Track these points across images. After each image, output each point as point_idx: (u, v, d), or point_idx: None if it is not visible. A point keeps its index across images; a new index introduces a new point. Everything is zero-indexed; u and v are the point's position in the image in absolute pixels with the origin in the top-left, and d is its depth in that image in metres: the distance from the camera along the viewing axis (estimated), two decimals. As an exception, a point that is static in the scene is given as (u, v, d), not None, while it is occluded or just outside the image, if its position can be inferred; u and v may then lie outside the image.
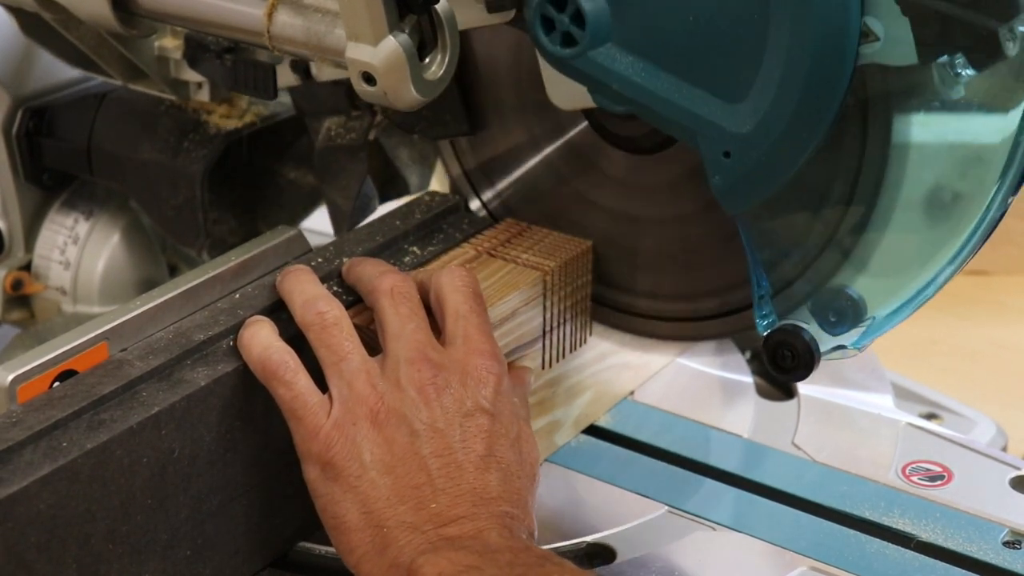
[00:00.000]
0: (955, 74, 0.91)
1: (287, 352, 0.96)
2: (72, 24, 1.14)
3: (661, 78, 0.95)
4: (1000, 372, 1.51)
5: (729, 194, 0.96)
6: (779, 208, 0.98)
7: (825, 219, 0.98)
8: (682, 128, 0.96)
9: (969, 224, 0.96)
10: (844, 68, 0.91)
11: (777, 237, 0.99)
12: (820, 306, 0.98)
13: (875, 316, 0.98)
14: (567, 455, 1.15)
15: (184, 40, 1.18)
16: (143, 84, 1.21)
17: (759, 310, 1.00)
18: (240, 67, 1.15)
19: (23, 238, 1.30)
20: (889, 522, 1.07)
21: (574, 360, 1.15)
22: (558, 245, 1.14)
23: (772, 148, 0.93)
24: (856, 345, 0.99)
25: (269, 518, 1.01)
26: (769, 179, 0.95)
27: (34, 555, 0.86)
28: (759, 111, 0.93)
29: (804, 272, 0.99)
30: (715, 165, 0.95)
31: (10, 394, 0.93)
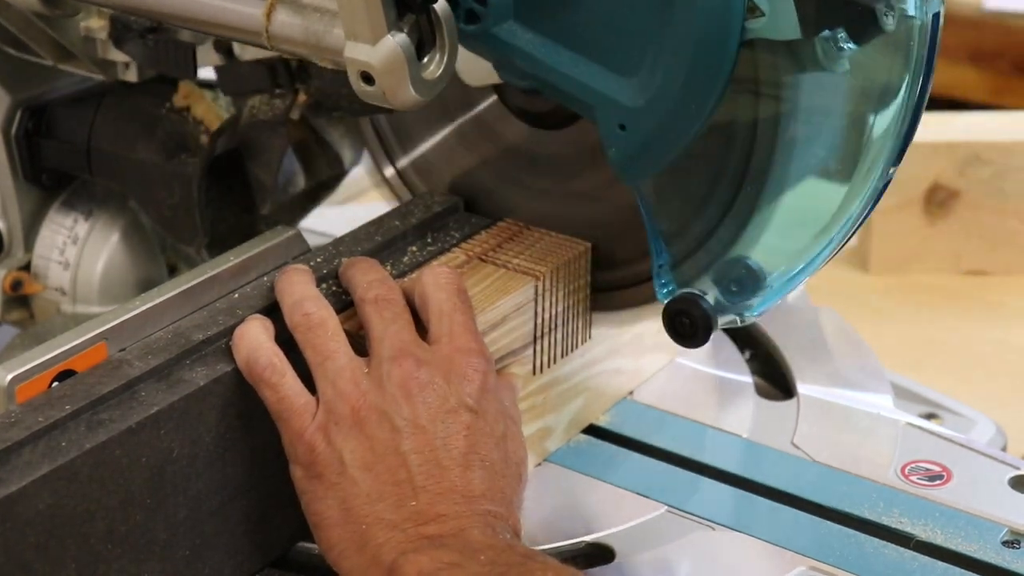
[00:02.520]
0: (838, 48, 0.94)
1: (274, 353, 0.96)
2: (0, 6, 1.14)
3: (560, 53, 0.99)
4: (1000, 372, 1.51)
5: (625, 166, 1.00)
6: (675, 180, 1.01)
7: (721, 191, 1.01)
8: (580, 102, 1.00)
9: (860, 191, 0.98)
10: (730, 43, 0.94)
11: (674, 209, 1.02)
12: (721, 276, 1.01)
13: (772, 284, 1.01)
14: (567, 455, 1.15)
15: (109, 20, 1.18)
16: (72, 64, 1.22)
17: (658, 279, 1.03)
18: (161, 47, 1.16)
19: (22, 238, 1.30)
20: (888, 522, 1.07)
21: (566, 366, 1.14)
22: (554, 247, 1.14)
23: (664, 121, 0.97)
24: (755, 311, 1.01)
25: (268, 518, 1.01)
26: (663, 151, 0.98)
27: (33, 555, 0.86)
28: (651, 85, 0.96)
29: (704, 243, 1.02)
30: (611, 138, 0.99)
31: (9, 394, 0.93)
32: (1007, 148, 1.64)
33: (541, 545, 1.05)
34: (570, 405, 1.15)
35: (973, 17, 2.40)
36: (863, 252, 1.69)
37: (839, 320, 1.35)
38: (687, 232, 1.02)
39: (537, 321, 1.10)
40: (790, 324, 1.33)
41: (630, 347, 1.21)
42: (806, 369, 1.26)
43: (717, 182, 1.01)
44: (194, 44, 1.16)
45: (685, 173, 1.01)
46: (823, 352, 1.29)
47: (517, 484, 0.98)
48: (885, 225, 1.66)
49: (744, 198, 1.00)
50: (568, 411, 1.15)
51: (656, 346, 1.23)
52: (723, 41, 0.94)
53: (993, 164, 1.64)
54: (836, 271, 1.67)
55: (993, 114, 1.79)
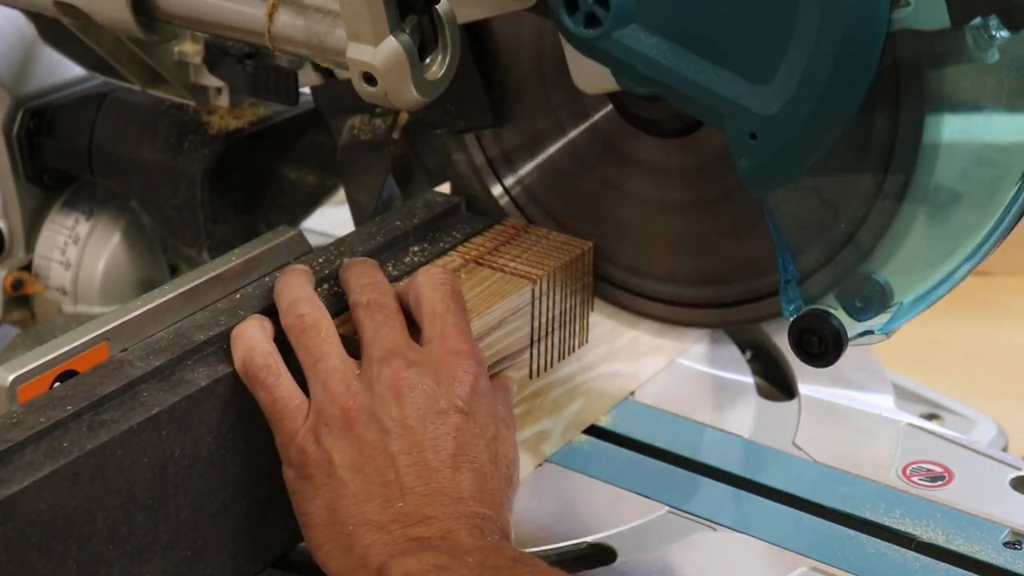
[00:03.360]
0: (989, 36, 0.89)
1: (270, 355, 0.96)
2: (91, 29, 1.13)
3: (686, 59, 0.93)
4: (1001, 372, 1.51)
5: (755, 177, 0.94)
6: (806, 192, 0.96)
7: (856, 202, 0.96)
8: (708, 110, 0.94)
9: (994, 214, 0.94)
10: (875, 39, 0.88)
11: (804, 222, 0.97)
12: (847, 292, 0.96)
13: (902, 301, 0.96)
14: (567, 455, 1.15)
15: (204, 45, 1.18)
16: (162, 89, 1.21)
17: (785, 295, 0.98)
18: (261, 73, 1.15)
19: (24, 238, 1.30)
20: (890, 522, 1.07)
21: (563, 369, 1.14)
22: (555, 248, 1.13)
23: (799, 130, 0.91)
24: (883, 330, 0.97)
25: (269, 519, 1.01)
26: (796, 162, 0.93)
27: (35, 555, 0.86)
28: (787, 91, 0.90)
29: (832, 258, 0.97)
30: (741, 147, 0.93)
31: (11, 394, 0.93)
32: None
33: (542, 546, 1.05)
34: (567, 409, 1.15)
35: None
36: (864, 252, 1.68)
37: (840, 320, 1.35)
38: (815, 245, 0.97)
39: (534, 324, 1.10)
40: (791, 324, 1.33)
41: (627, 350, 1.21)
42: (807, 370, 1.26)
43: (852, 192, 0.96)
44: (295, 69, 1.14)
45: (817, 184, 0.96)
46: (824, 352, 1.29)
47: (507, 486, 0.97)
48: (886, 225, 1.65)
49: (880, 210, 0.95)
50: (565, 415, 1.15)
51: (653, 349, 1.23)
52: (868, 38, 0.88)
53: (994, 164, 1.64)
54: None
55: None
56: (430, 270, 1.02)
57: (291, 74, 1.14)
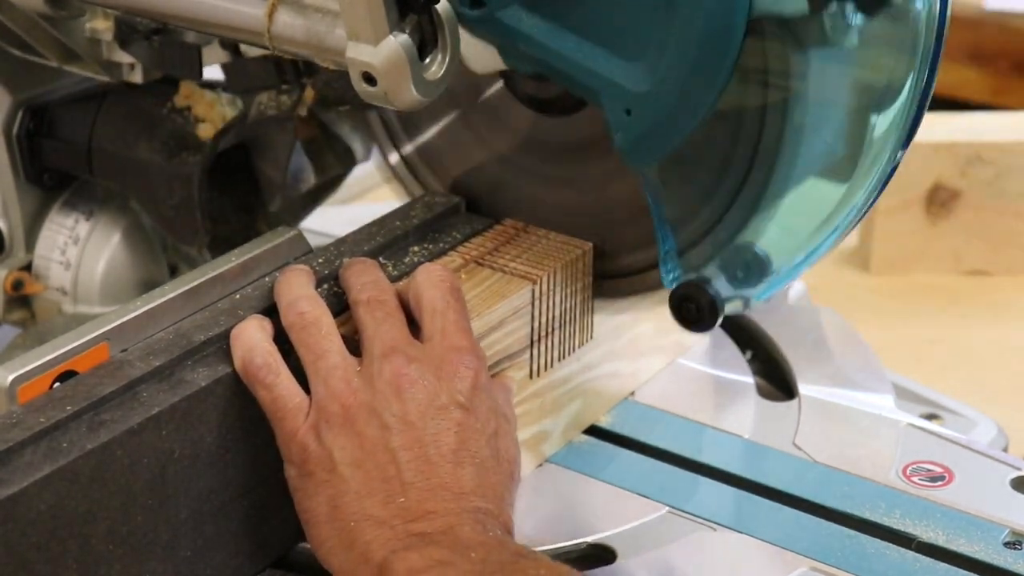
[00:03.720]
0: (846, 22, 0.93)
1: (270, 354, 0.96)
2: (4, 7, 1.14)
3: (565, 37, 0.98)
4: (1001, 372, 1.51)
5: (631, 151, 0.99)
6: (682, 166, 1.00)
7: (728, 177, 1.00)
8: (586, 87, 0.99)
9: (867, 177, 0.98)
10: (737, 22, 0.93)
11: (681, 195, 1.02)
12: (727, 262, 1.01)
13: (779, 269, 1.00)
14: (569, 456, 1.15)
15: (115, 22, 1.18)
16: (78, 66, 1.22)
17: (664, 266, 1.03)
18: (167, 48, 1.16)
19: (23, 238, 1.30)
20: (890, 523, 1.07)
21: (563, 369, 1.14)
22: (554, 249, 1.13)
23: (671, 105, 0.95)
24: (760, 297, 1.01)
25: (270, 519, 1.01)
26: (669, 136, 0.97)
27: (34, 555, 0.86)
28: (657, 69, 0.95)
29: (710, 230, 1.01)
30: (617, 123, 0.98)
31: (10, 394, 0.93)
32: (1008, 148, 1.64)
33: (542, 545, 1.05)
34: (567, 408, 1.15)
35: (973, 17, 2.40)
36: (864, 252, 1.69)
37: (840, 320, 1.35)
38: (693, 219, 1.02)
39: (534, 324, 1.10)
40: (791, 324, 1.33)
41: (627, 350, 1.21)
42: (807, 369, 1.26)
43: (724, 168, 1.00)
44: (200, 45, 1.16)
45: (692, 159, 1.00)
46: (824, 352, 1.29)
47: (509, 482, 0.97)
48: (886, 225, 1.66)
49: (752, 184, 1.00)
50: (565, 414, 1.15)
51: (653, 349, 1.23)
52: (730, 21, 0.92)
53: (994, 164, 1.64)
54: (837, 271, 1.67)
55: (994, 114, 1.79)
56: (429, 267, 1.02)
57: (195, 48, 1.15)
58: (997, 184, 1.65)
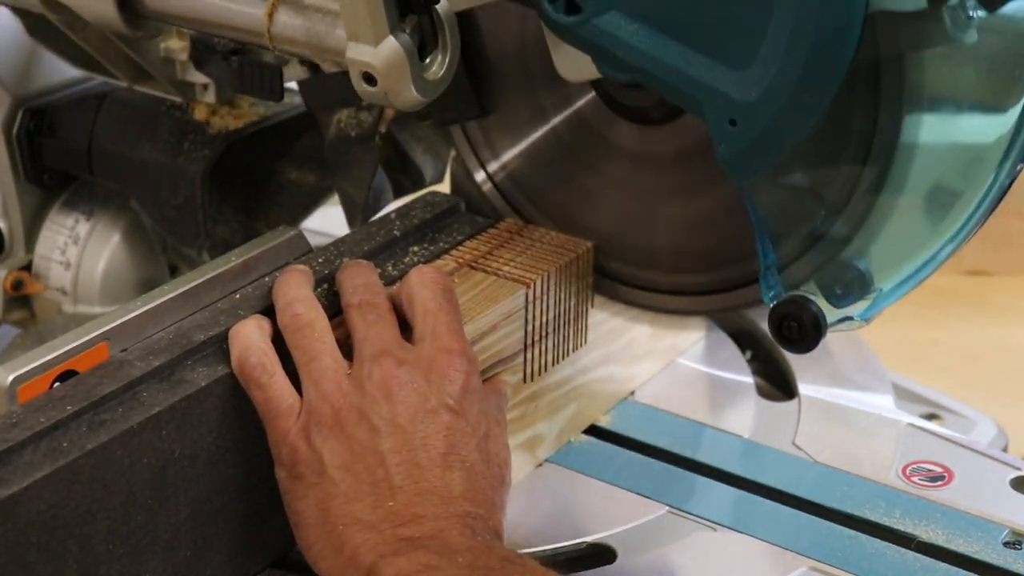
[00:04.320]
0: (966, 16, 0.89)
1: (265, 354, 0.96)
2: (78, 26, 1.14)
3: (665, 45, 0.93)
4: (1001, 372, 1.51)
5: (735, 163, 0.94)
6: (786, 179, 0.96)
7: (834, 191, 0.96)
8: (687, 96, 0.94)
9: (975, 197, 0.94)
10: (853, 22, 0.87)
11: (784, 209, 0.97)
12: (827, 279, 0.97)
13: (881, 288, 0.97)
14: (567, 455, 1.15)
15: (190, 41, 1.17)
16: (148, 85, 1.21)
17: (765, 281, 0.99)
18: (247, 69, 1.15)
19: (24, 238, 1.30)
20: (890, 522, 1.07)
21: (558, 373, 1.14)
22: (552, 250, 1.13)
23: (779, 115, 0.91)
24: (863, 317, 0.97)
25: (269, 519, 1.01)
26: (776, 148, 0.93)
27: (35, 555, 0.86)
28: (765, 77, 0.90)
29: (812, 245, 0.97)
30: (721, 134, 0.93)
31: (10, 394, 0.93)
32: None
33: (542, 545, 1.05)
34: (562, 412, 1.15)
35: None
36: (864, 252, 1.68)
37: (840, 320, 1.35)
38: (796, 232, 0.98)
39: (528, 329, 1.10)
40: (791, 324, 1.33)
41: (623, 353, 1.20)
42: (807, 369, 1.26)
43: (832, 179, 0.96)
44: (280, 65, 1.14)
45: (797, 170, 0.96)
46: (824, 352, 1.29)
47: (499, 486, 0.97)
48: (886, 225, 1.65)
49: (861, 197, 0.96)
50: (560, 418, 1.15)
51: (648, 353, 1.23)
52: (845, 20, 0.87)
53: (994, 164, 1.64)
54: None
55: (994, 114, 1.79)
56: (422, 269, 1.02)
57: (276, 69, 1.14)
58: (997, 184, 1.64)
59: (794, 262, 0.98)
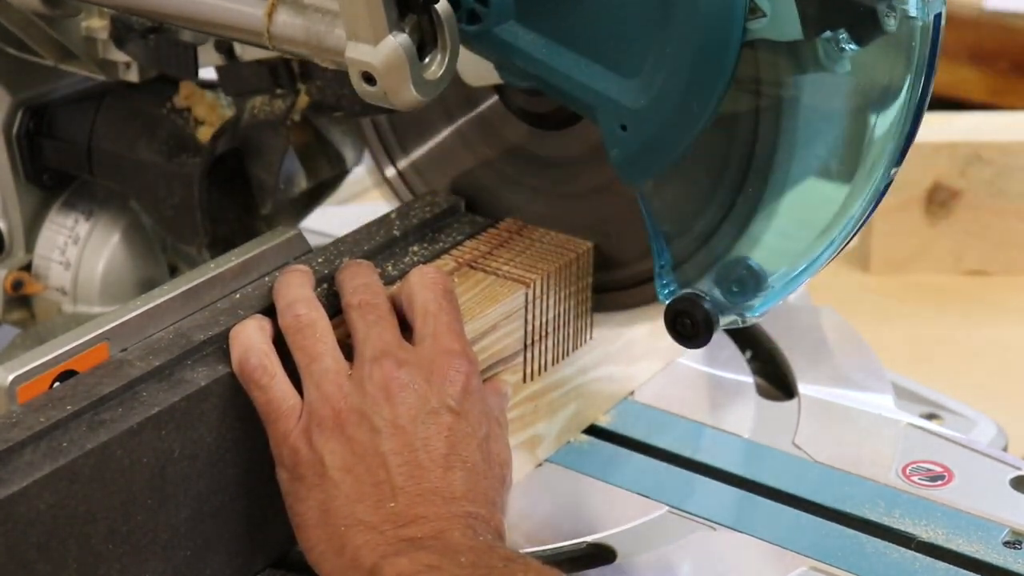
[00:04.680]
0: (840, 49, 0.94)
1: (265, 355, 0.96)
2: (1, 6, 1.14)
3: (561, 54, 0.99)
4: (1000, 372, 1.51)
5: (626, 167, 1.00)
6: (676, 181, 1.01)
7: (722, 192, 1.01)
8: (582, 103, 1.00)
9: (861, 191, 0.98)
10: (732, 44, 0.94)
11: (676, 209, 1.02)
12: (722, 277, 1.01)
13: (774, 285, 1.01)
14: (567, 455, 1.15)
15: (110, 20, 1.18)
16: (74, 65, 1.22)
17: (659, 280, 1.04)
18: (163, 46, 1.15)
19: (23, 238, 1.30)
20: (890, 522, 1.07)
21: (558, 373, 1.14)
22: (552, 250, 1.13)
23: (666, 122, 0.97)
24: (756, 311, 1.02)
25: (269, 518, 1.01)
26: (665, 152, 0.98)
27: (34, 555, 0.86)
28: (652, 86, 0.96)
29: (705, 243, 1.02)
30: (613, 139, 0.99)
31: (10, 394, 0.93)
32: (1008, 148, 1.64)
33: (542, 545, 1.05)
34: (562, 412, 1.15)
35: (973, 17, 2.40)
36: (864, 252, 1.69)
37: (840, 320, 1.35)
38: (688, 233, 1.02)
39: (528, 328, 1.10)
40: (791, 324, 1.33)
41: (621, 354, 1.20)
42: (807, 369, 1.26)
43: (718, 182, 1.01)
44: (195, 44, 1.16)
45: (686, 173, 1.01)
46: (824, 352, 1.30)
47: (500, 486, 0.97)
48: (886, 225, 1.66)
49: (745, 199, 1.00)
50: (560, 418, 1.15)
51: (647, 353, 1.23)
52: (724, 43, 0.94)
53: (994, 164, 1.64)
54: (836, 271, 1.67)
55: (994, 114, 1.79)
56: (422, 270, 1.02)
57: (191, 47, 1.16)
58: (997, 184, 1.65)
59: (687, 260, 1.02)
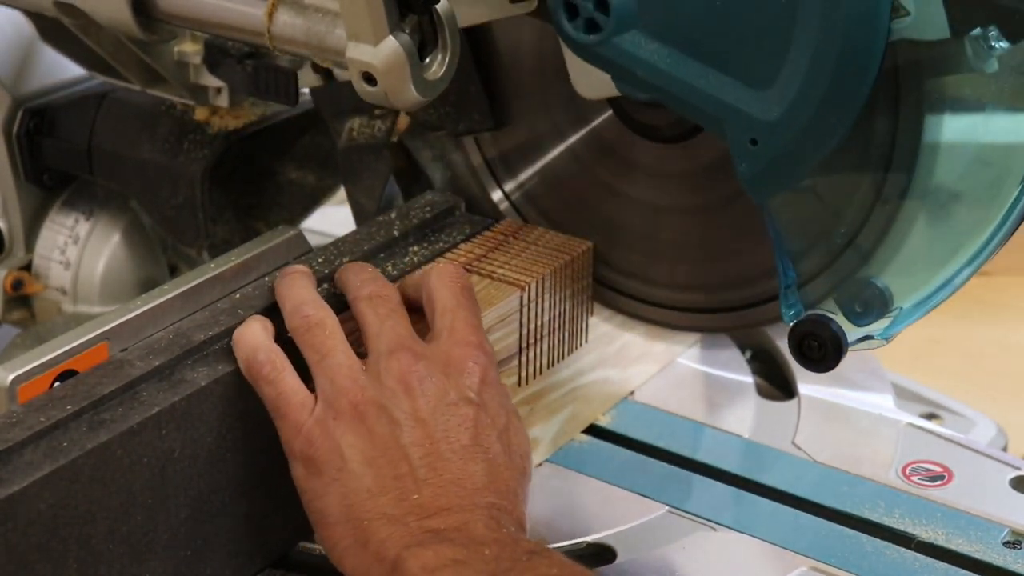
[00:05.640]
0: (988, 47, 0.89)
1: (273, 352, 0.96)
2: (91, 29, 1.13)
3: (686, 64, 0.93)
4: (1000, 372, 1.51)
5: (755, 182, 0.94)
6: (806, 197, 0.96)
7: (853, 209, 0.97)
8: (707, 115, 0.94)
9: (995, 217, 0.94)
10: (876, 47, 0.88)
11: (804, 227, 0.97)
12: (846, 297, 0.96)
13: (901, 307, 0.97)
14: (567, 455, 1.15)
15: (204, 45, 1.17)
16: (162, 89, 1.21)
17: (785, 300, 0.98)
18: (261, 73, 1.15)
19: (23, 238, 1.30)
20: (889, 522, 1.07)
21: (553, 376, 1.14)
22: (550, 251, 1.13)
23: (800, 135, 0.91)
24: (883, 335, 0.97)
25: (269, 518, 1.01)
26: (797, 167, 0.93)
27: (35, 555, 0.86)
28: (787, 97, 0.90)
29: (832, 263, 0.97)
30: (741, 153, 0.93)
31: (10, 394, 0.93)
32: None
33: (542, 545, 1.05)
34: (558, 415, 1.15)
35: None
36: (864, 252, 1.68)
37: (840, 320, 1.35)
38: (813, 251, 0.98)
39: (523, 332, 1.10)
40: (791, 324, 1.33)
41: (618, 356, 1.20)
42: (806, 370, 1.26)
43: (850, 198, 0.96)
44: (295, 69, 1.14)
45: (817, 188, 0.96)
46: (824, 352, 1.29)
47: (521, 477, 0.97)
48: (886, 225, 1.65)
49: (877, 216, 0.96)
50: (556, 421, 1.15)
51: (643, 355, 1.23)
52: (868, 46, 0.88)
53: (994, 164, 1.64)
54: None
55: (994, 114, 1.78)
56: (441, 266, 1.02)
57: (291, 74, 1.14)
58: (997, 184, 1.64)
59: (813, 280, 0.98)
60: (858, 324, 0.96)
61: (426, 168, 1.23)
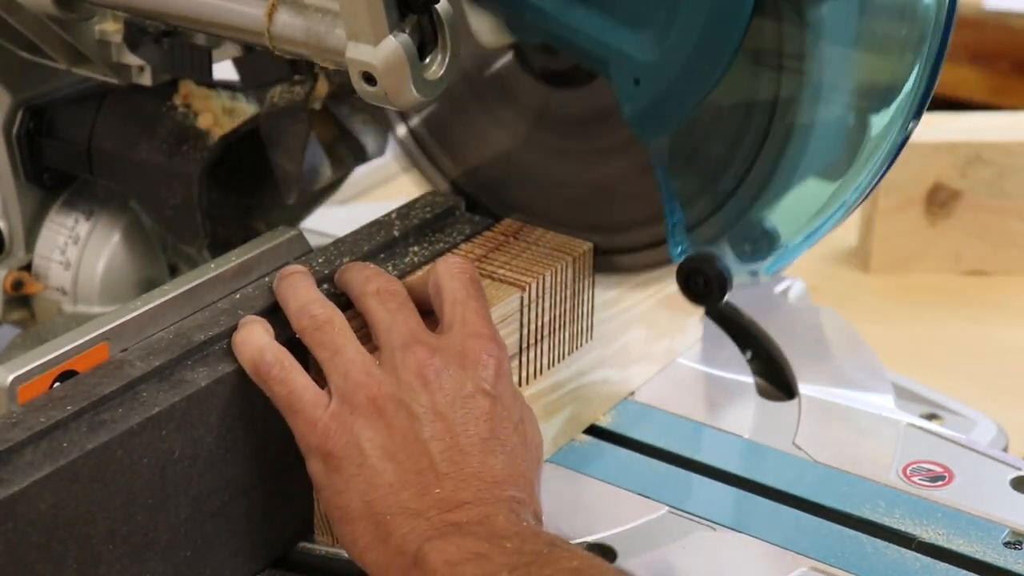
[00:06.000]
0: None
1: (281, 351, 0.96)
2: (13, 8, 1.14)
3: (572, 8, 0.97)
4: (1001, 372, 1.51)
5: (640, 123, 0.98)
6: (693, 141, 0.99)
7: (739, 151, 0.99)
8: (594, 57, 0.98)
9: (877, 150, 0.97)
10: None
11: (692, 170, 1.00)
12: (736, 238, 1.00)
13: (787, 244, 1.00)
14: (567, 455, 1.15)
15: (124, 24, 1.18)
16: (86, 68, 1.21)
17: (672, 238, 1.02)
18: (176, 50, 1.15)
19: (23, 238, 1.30)
20: (890, 522, 1.07)
21: (553, 376, 1.14)
22: (551, 251, 1.12)
23: (680, 75, 0.94)
24: (769, 271, 1.01)
25: (269, 518, 1.01)
26: (678, 108, 0.96)
27: (34, 555, 0.86)
28: (665, 38, 0.94)
29: (720, 205, 1.00)
30: (625, 94, 0.97)
31: (10, 394, 0.93)
32: (1008, 148, 1.64)
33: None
34: (558, 416, 1.15)
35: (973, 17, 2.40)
36: (864, 252, 1.69)
37: (840, 320, 1.35)
38: (703, 195, 1.00)
39: (523, 332, 1.10)
40: (791, 324, 1.33)
41: (618, 357, 1.20)
42: (807, 369, 1.26)
43: (737, 144, 0.99)
44: (210, 47, 1.15)
45: (703, 134, 0.99)
46: (824, 352, 1.30)
47: (537, 468, 0.97)
48: (886, 225, 1.66)
49: (763, 157, 0.98)
50: (555, 422, 1.15)
51: (644, 356, 1.23)
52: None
53: (995, 164, 1.64)
54: (837, 271, 1.67)
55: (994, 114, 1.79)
56: (449, 259, 1.03)
57: (205, 50, 1.15)
58: (997, 184, 1.64)
59: (702, 223, 1.01)
60: (747, 262, 1.00)
61: (359, 135, 1.26)
